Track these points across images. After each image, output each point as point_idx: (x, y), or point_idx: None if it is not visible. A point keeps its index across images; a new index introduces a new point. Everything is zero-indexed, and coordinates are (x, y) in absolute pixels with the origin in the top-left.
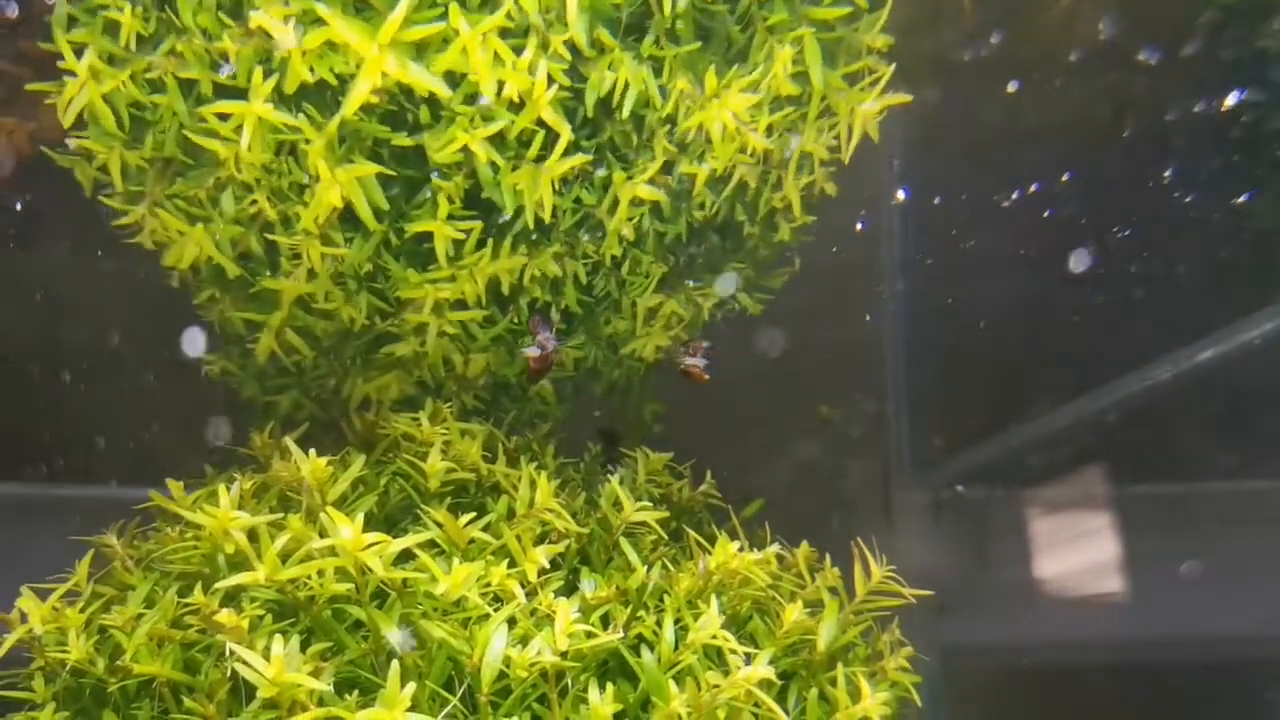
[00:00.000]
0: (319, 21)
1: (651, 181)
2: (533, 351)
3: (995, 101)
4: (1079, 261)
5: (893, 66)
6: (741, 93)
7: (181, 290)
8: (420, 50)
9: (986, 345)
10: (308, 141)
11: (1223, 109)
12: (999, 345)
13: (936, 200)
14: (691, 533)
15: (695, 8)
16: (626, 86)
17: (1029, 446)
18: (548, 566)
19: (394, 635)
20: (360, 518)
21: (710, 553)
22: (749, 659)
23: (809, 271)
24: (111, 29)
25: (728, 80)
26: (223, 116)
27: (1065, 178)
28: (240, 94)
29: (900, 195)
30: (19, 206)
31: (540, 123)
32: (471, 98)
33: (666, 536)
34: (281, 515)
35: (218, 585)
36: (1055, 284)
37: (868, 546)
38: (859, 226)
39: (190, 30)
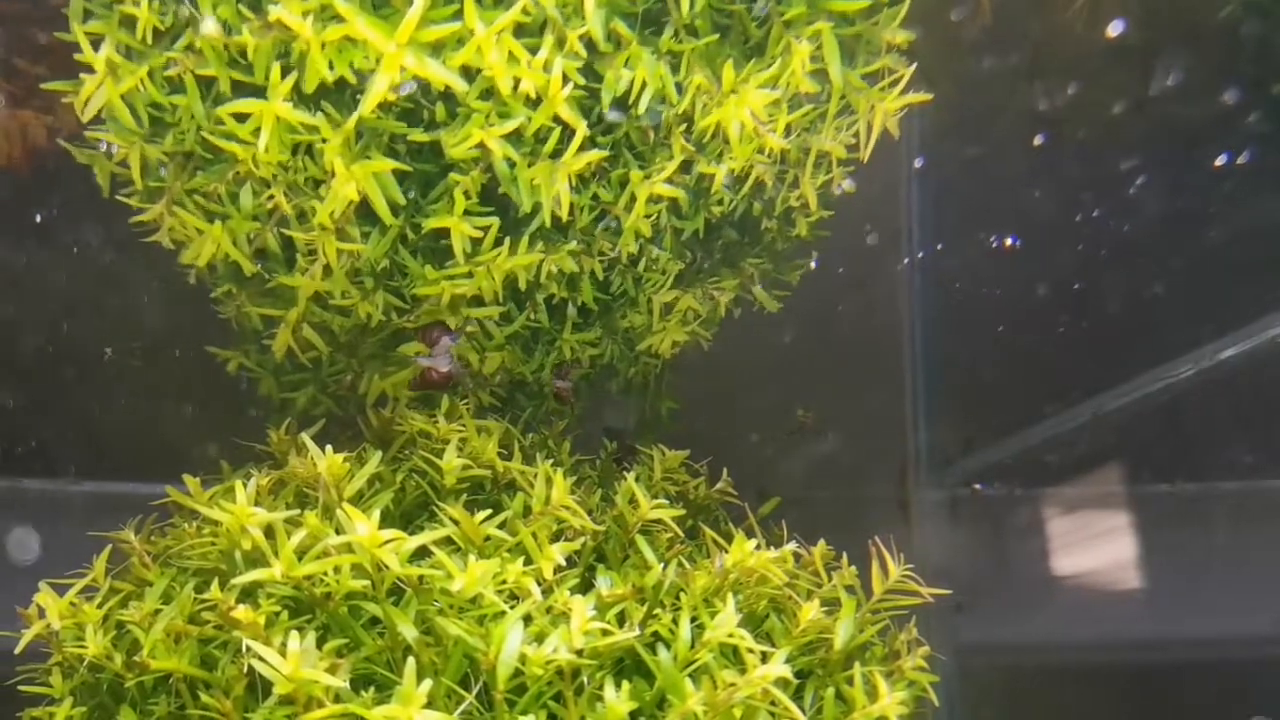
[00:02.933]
0: (338, 18)
1: (669, 179)
2: (438, 364)
3: (1014, 98)
4: (1099, 258)
5: (913, 66)
6: (759, 89)
7: (198, 286)
8: (436, 49)
9: (1004, 343)
10: (324, 140)
11: (1244, 105)
12: (1017, 343)
13: (954, 197)
14: (708, 530)
15: (712, 6)
16: (644, 84)
17: (1046, 445)
18: (563, 564)
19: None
20: (376, 514)
21: (727, 551)
22: (765, 657)
23: (826, 269)
24: (128, 23)
25: (745, 75)
26: (240, 117)
27: (1084, 174)
28: (258, 90)
29: (916, 191)
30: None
31: (557, 119)
32: (487, 93)
33: (683, 534)
34: (298, 512)
35: (234, 581)
36: (1074, 281)
37: (885, 545)
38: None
39: None
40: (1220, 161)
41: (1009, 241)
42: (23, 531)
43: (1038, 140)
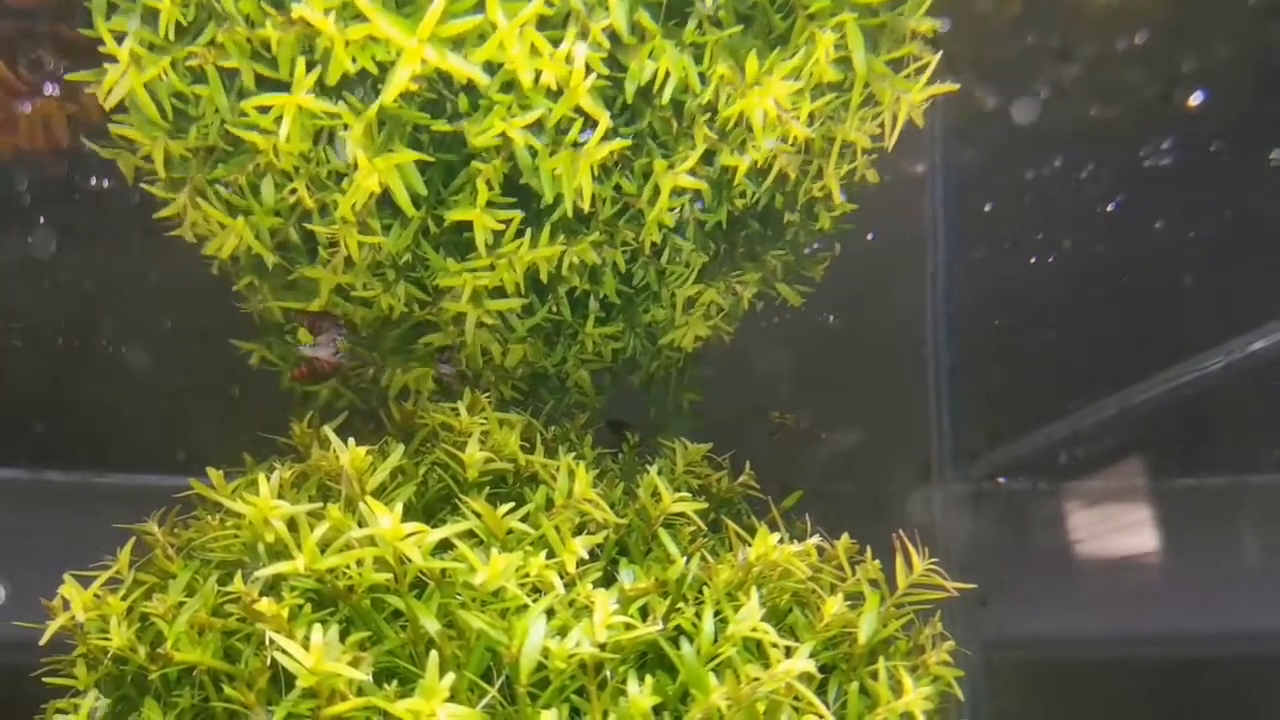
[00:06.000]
0: (360, 16)
1: (692, 170)
2: (319, 352)
3: (1041, 89)
4: (1125, 251)
5: (939, 54)
6: (783, 79)
7: (221, 278)
8: (458, 44)
9: (1030, 336)
10: (346, 128)
11: (1274, 97)
12: (1043, 336)
13: (979, 190)
14: (731, 524)
15: None
16: (667, 75)
17: (1072, 439)
18: (586, 557)
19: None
20: (399, 507)
21: (750, 544)
22: (789, 652)
23: (849, 261)
24: (150, 18)
25: (769, 65)
26: (264, 109)
27: (1111, 164)
28: (281, 84)
29: (940, 184)
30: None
31: (579, 110)
32: (509, 85)
33: (705, 528)
34: (321, 504)
35: (257, 574)
36: (1101, 274)
37: (909, 539)
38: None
39: (232, 18)
40: (1252, 151)
41: (1035, 234)
42: None
43: (1066, 130)
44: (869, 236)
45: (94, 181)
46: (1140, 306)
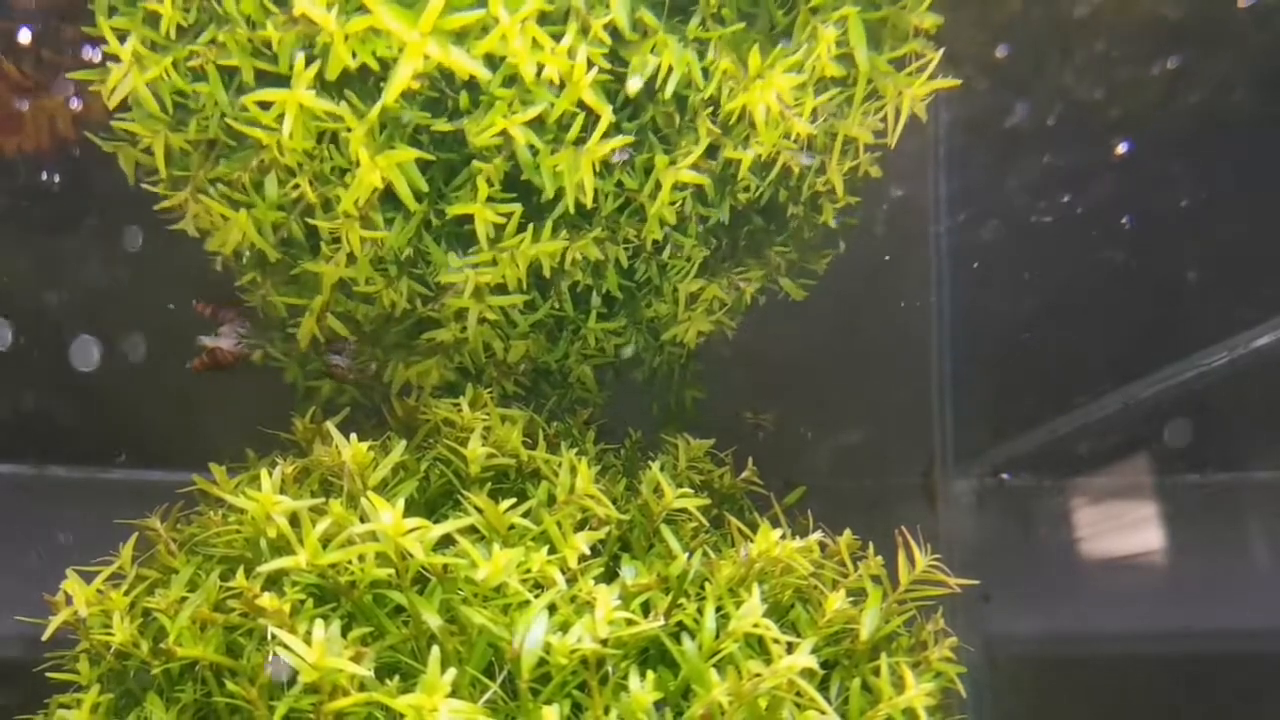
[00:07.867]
0: (362, 9)
1: (694, 165)
2: (221, 343)
3: (1044, 82)
4: (1130, 246)
5: (941, 50)
6: (785, 73)
7: (224, 274)
8: (460, 37)
9: (1034, 332)
10: (349, 129)
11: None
12: (1047, 332)
13: (983, 185)
14: (733, 520)
15: None
16: (669, 70)
17: (1075, 435)
18: (588, 553)
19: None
20: (401, 503)
21: (752, 540)
22: (791, 648)
23: (853, 257)
24: (152, 20)
25: (772, 60)
26: (265, 105)
27: (1116, 159)
28: (282, 79)
29: (944, 179)
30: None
31: (581, 105)
32: (511, 80)
33: (707, 523)
34: (323, 500)
35: (260, 569)
36: (1106, 269)
37: (911, 535)
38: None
39: (233, 19)
40: (1256, 145)
41: (1038, 230)
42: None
43: (1069, 126)
44: (872, 231)
45: (96, 176)
46: (1144, 302)
